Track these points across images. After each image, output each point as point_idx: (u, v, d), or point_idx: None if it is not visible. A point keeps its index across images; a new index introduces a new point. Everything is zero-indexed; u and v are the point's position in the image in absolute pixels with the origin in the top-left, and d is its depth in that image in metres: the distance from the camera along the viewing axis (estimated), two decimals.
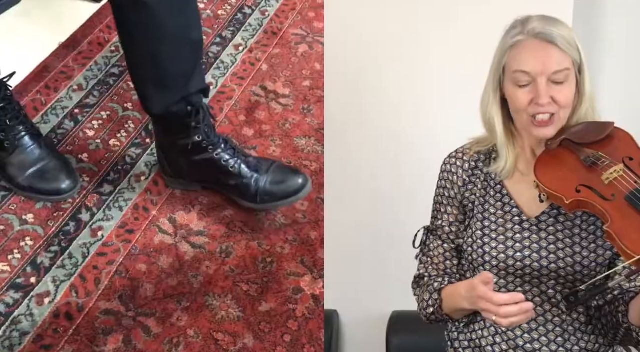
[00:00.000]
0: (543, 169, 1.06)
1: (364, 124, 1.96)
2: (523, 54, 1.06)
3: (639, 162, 1.03)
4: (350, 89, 1.95)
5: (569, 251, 1.07)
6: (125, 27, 1.39)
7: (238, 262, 1.49)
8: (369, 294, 1.94)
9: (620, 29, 1.99)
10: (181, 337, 1.36)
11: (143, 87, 1.46)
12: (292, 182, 1.50)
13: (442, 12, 1.91)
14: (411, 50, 1.92)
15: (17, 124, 1.53)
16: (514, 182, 1.13)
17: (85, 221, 1.53)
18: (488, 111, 1.13)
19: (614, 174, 1.01)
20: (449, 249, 1.18)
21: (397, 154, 1.93)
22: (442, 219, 1.18)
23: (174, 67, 1.41)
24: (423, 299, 1.17)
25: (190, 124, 1.46)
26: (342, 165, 1.92)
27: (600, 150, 1.05)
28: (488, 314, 0.99)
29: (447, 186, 1.18)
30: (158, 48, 1.37)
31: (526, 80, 1.06)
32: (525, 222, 1.10)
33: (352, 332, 1.96)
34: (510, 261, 1.09)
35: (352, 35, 1.93)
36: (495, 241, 1.10)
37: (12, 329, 1.34)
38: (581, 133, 1.07)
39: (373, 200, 1.95)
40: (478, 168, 1.16)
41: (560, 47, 1.05)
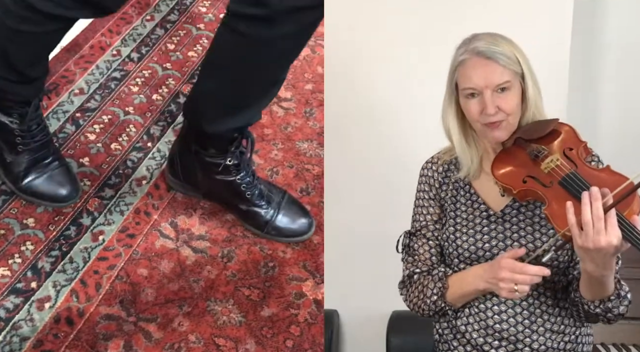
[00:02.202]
0: (498, 165, 1.19)
1: (363, 127, 1.96)
2: (468, 72, 1.18)
3: (577, 152, 1.15)
4: (351, 93, 1.95)
5: (531, 238, 1.18)
6: (232, 53, 1.33)
7: (240, 266, 1.48)
8: (369, 294, 1.93)
9: (620, 29, 1.98)
10: (182, 342, 1.35)
11: (207, 105, 1.42)
12: (299, 223, 1.54)
13: (442, 16, 1.90)
14: (411, 53, 1.92)
15: (38, 131, 1.53)
16: (480, 182, 1.25)
17: (86, 225, 1.53)
18: (446, 123, 1.24)
19: (550, 164, 1.13)
20: (434, 246, 1.25)
21: (397, 155, 1.93)
22: (425, 220, 1.27)
23: (250, 100, 1.41)
24: (423, 292, 1.22)
25: (229, 148, 1.46)
26: (342, 166, 1.91)
27: (544, 144, 1.17)
28: (506, 283, 1.09)
29: (426, 189, 1.28)
30: (254, 83, 1.36)
31: (474, 92, 1.18)
32: (492, 215, 1.21)
33: (352, 332, 1.96)
34: (480, 252, 1.19)
35: (352, 39, 1.93)
36: (466, 234, 1.21)
37: (12, 334, 1.33)
38: (530, 131, 1.19)
39: (373, 200, 1.95)
40: (450, 171, 1.27)
41: (499, 63, 1.16)
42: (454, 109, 1.24)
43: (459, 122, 1.24)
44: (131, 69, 1.89)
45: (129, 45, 1.95)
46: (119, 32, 1.98)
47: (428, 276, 1.24)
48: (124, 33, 1.98)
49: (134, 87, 1.84)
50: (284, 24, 1.24)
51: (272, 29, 1.25)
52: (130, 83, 1.85)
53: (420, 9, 1.92)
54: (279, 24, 1.24)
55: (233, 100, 1.40)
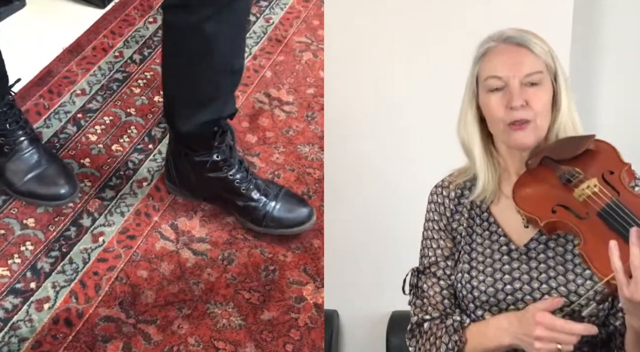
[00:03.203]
0: (521, 190, 1.00)
1: (364, 131, 1.96)
2: (494, 60, 1.02)
3: (619, 176, 0.95)
4: (351, 97, 1.95)
5: (562, 280, 0.98)
6: (175, 50, 1.38)
7: (240, 269, 1.48)
8: (369, 294, 1.92)
9: (620, 30, 1.98)
10: (182, 345, 1.34)
11: (176, 106, 1.45)
12: (299, 212, 1.52)
13: (443, 20, 1.90)
14: (412, 57, 1.92)
15: (17, 128, 1.53)
16: (500, 208, 1.06)
17: (86, 226, 1.52)
18: (465, 131, 1.07)
19: (587, 190, 0.94)
20: (445, 287, 1.07)
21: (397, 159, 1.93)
22: (435, 255, 1.09)
23: (213, 92, 1.41)
24: (435, 345, 1.04)
25: (213, 144, 1.46)
26: (342, 170, 1.91)
27: (578, 165, 0.98)
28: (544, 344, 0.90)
29: (436, 218, 1.10)
30: (203, 73, 1.37)
31: (499, 85, 1.01)
32: (514, 251, 1.02)
33: (352, 332, 1.95)
34: (500, 295, 1.00)
35: (353, 44, 1.93)
36: (483, 273, 1.02)
37: (10, 335, 1.33)
38: (560, 149, 1.01)
39: (373, 200, 1.95)
40: (464, 196, 1.09)
41: (532, 50, 1.01)
42: (474, 114, 1.06)
43: (480, 130, 1.06)
44: (133, 70, 1.89)
45: (131, 47, 1.95)
46: (121, 33, 1.98)
47: (441, 325, 1.04)
48: (126, 35, 1.98)
49: (135, 89, 1.84)
50: (201, 7, 1.27)
51: (191, 14, 1.28)
52: (132, 85, 1.85)
53: (421, 12, 1.92)
54: (195, 8, 1.27)
55: (194, 95, 1.41)
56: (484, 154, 1.06)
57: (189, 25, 1.30)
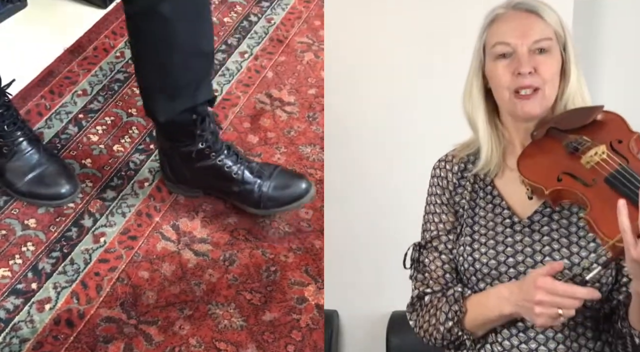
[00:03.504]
0: (526, 160, 0.97)
1: (364, 132, 1.96)
2: (502, 26, 1.00)
3: (627, 145, 0.93)
4: (351, 98, 1.95)
5: (566, 252, 0.96)
6: (137, 36, 1.39)
7: (241, 270, 1.47)
8: (369, 294, 1.92)
9: (620, 30, 1.98)
10: (183, 346, 1.34)
11: (150, 95, 1.45)
12: (296, 187, 1.49)
13: (444, 20, 1.90)
14: (412, 58, 1.92)
15: (15, 129, 1.53)
16: (504, 181, 1.04)
17: (87, 227, 1.52)
18: (470, 102, 1.05)
19: (595, 157, 0.91)
20: (447, 261, 1.05)
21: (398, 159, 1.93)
22: (436, 229, 1.07)
23: (184, 77, 1.40)
24: (435, 316, 1.03)
25: (195, 132, 1.45)
26: (342, 170, 1.91)
27: (585, 134, 0.95)
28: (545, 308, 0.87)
29: (438, 192, 1.08)
30: (169, 58, 1.37)
31: (506, 51, 0.98)
32: (517, 223, 1.00)
33: (352, 332, 1.95)
34: (502, 268, 0.98)
35: (353, 44, 1.93)
36: (485, 246, 1.00)
37: (12, 336, 1.32)
38: (567, 120, 0.98)
39: (374, 201, 1.95)
40: (467, 170, 1.07)
41: (542, 16, 0.99)
42: (480, 84, 1.03)
43: (485, 101, 1.03)
44: (134, 71, 1.88)
45: None
46: (122, 34, 1.98)
47: (442, 297, 1.03)
48: (127, 35, 1.98)
49: (137, 89, 1.83)
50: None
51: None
52: (134, 85, 1.85)
53: (421, 12, 1.92)
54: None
55: (166, 83, 1.40)
56: (488, 125, 1.04)
57: (144, 10, 1.30)
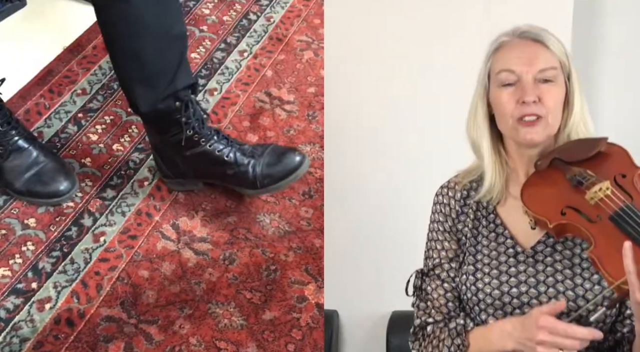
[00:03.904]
0: (530, 191, 0.98)
1: (364, 131, 1.95)
2: (508, 54, 1.01)
3: (631, 180, 0.93)
4: (351, 96, 1.95)
5: (570, 284, 0.96)
6: (105, 25, 1.37)
7: (241, 269, 1.47)
8: (369, 294, 1.92)
9: (620, 33, 1.98)
10: (183, 345, 1.34)
11: (129, 87, 1.44)
12: (289, 160, 1.47)
13: (443, 20, 1.90)
14: (413, 56, 1.92)
15: (10, 129, 1.52)
16: (507, 210, 1.04)
17: (87, 226, 1.52)
18: (474, 128, 1.05)
19: (599, 193, 0.92)
20: (450, 290, 1.05)
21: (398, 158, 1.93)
22: (439, 257, 1.07)
23: (158, 63, 1.38)
24: (437, 348, 1.02)
25: (180, 120, 1.44)
26: (342, 169, 1.91)
27: (589, 168, 0.96)
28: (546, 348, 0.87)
29: (441, 220, 1.08)
30: (139, 44, 1.35)
31: (511, 80, 0.99)
32: (520, 254, 1.00)
33: (352, 332, 1.95)
34: (505, 298, 0.98)
35: (353, 42, 1.93)
36: (489, 276, 1.00)
37: (12, 335, 1.32)
38: (571, 151, 0.99)
39: (373, 201, 1.95)
40: (470, 197, 1.07)
41: (547, 46, 1.00)
42: (485, 111, 1.04)
43: (489, 128, 1.04)
44: None
45: None
46: None
47: (444, 328, 1.03)
48: None
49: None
50: None
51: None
52: None
53: (422, 12, 1.92)
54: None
55: (141, 70, 1.39)
56: (493, 152, 1.04)
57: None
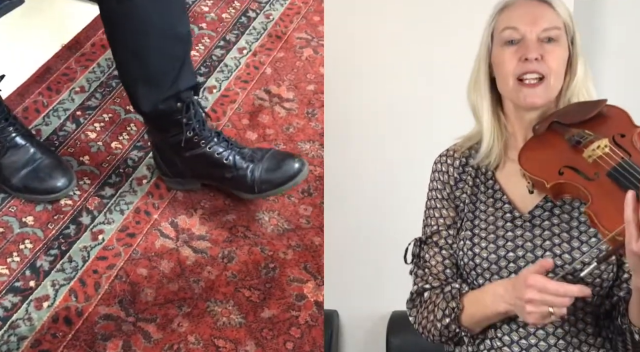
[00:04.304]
0: (528, 154, 0.98)
1: (364, 128, 1.95)
2: (512, 12, 1.01)
3: (630, 139, 0.93)
4: (351, 94, 1.94)
5: (567, 247, 0.96)
6: (109, 24, 1.37)
7: (240, 267, 1.47)
8: (369, 294, 1.92)
9: (620, 33, 1.98)
10: (182, 343, 1.33)
11: (131, 86, 1.44)
12: (288, 166, 1.47)
13: (444, 16, 1.90)
14: (412, 54, 1.91)
15: (7, 125, 1.52)
16: (506, 175, 1.04)
17: (85, 224, 1.51)
18: (475, 90, 1.05)
19: (597, 151, 0.91)
20: (447, 256, 1.05)
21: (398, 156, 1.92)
22: (437, 224, 1.07)
23: (161, 63, 1.38)
24: (433, 313, 1.02)
25: (181, 121, 1.44)
26: (342, 167, 1.91)
27: (588, 128, 0.95)
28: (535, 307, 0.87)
29: (439, 187, 1.08)
30: (143, 44, 1.35)
31: (515, 37, 0.99)
32: (518, 218, 1.00)
33: (352, 332, 1.95)
34: (502, 262, 0.98)
35: (353, 40, 1.92)
36: (486, 240, 1.00)
37: (10, 334, 1.32)
38: (570, 113, 0.99)
39: (373, 200, 1.94)
40: (469, 164, 1.07)
41: (552, 6, 1.00)
42: (486, 72, 1.04)
43: (490, 91, 1.04)
44: None
45: None
46: None
47: (440, 293, 1.03)
48: None
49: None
50: None
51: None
52: None
53: (422, 9, 1.91)
54: None
55: (144, 71, 1.39)
56: (492, 115, 1.04)
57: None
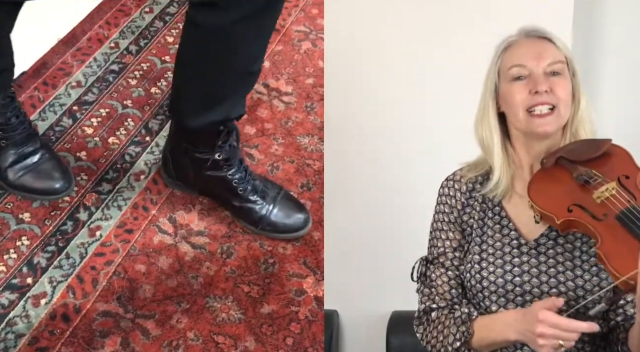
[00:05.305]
0: (536, 187, 1.03)
1: (364, 123, 1.94)
2: (517, 51, 1.08)
3: (634, 181, 0.99)
4: (351, 88, 1.93)
5: (570, 275, 1.03)
6: (197, 49, 1.34)
7: (239, 263, 1.46)
8: (369, 294, 1.92)
9: (620, 33, 1.97)
10: (181, 339, 1.33)
11: (185, 101, 1.43)
12: (295, 219, 1.51)
13: (444, 12, 1.88)
14: (412, 48, 1.90)
15: (18, 123, 1.51)
16: (512, 204, 1.10)
17: (83, 220, 1.50)
18: (484, 125, 1.10)
19: (605, 193, 0.97)
20: (453, 277, 1.11)
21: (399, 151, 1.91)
22: (443, 246, 1.12)
23: (227, 93, 1.39)
24: (442, 334, 1.08)
25: (216, 143, 1.44)
26: (342, 164, 1.89)
27: (594, 168, 1.01)
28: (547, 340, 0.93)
29: (446, 211, 1.13)
30: (221, 73, 1.35)
31: (523, 73, 1.06)
32: (524, 245, 1.06)
33: (352, 332, 1.95)
34: (509, 286, 1.04)
35: (353, 33, 1.91)
36: (493, 265, 1.06)
37: (7, 331, 1.31)
38: (576, 151, 1.04)
39: (373, 200, 1.93)
40: (475, 190, 1.12)
41: (554, 42, 1.08)
42: (494, 108, 1.09)
43: (499, 125, 1.09)
44: (129, 61, 1.86)
45: (127, 38, 1.92)
46: (117, 24, 1.96)
47: (449, 315, 1.08)
48: (122, 25, 1.95)
49: (132, 80, 1.81)
50: (236, 8, 1.24)
51: (223, 14, 1.25)
52: (129, 76, 1.82)
53: (422, 3, 1.90)
54: (224, 9, 1.24)
55: (208, 94, 1.39)
56: (502, 149, 1.09)
57: (216, 26, 1.27)
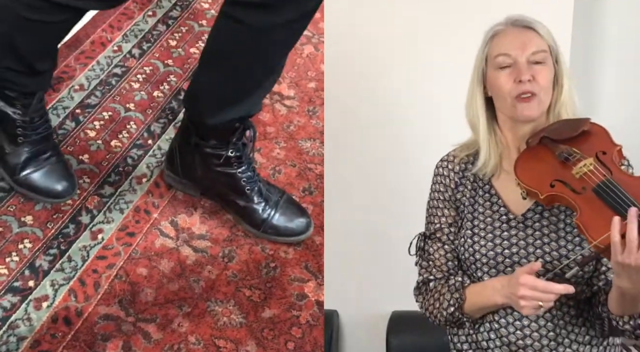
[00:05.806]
0: (522, 166, 1.11)
1: (364, 126, 1.94)
2: (503, 40, 1.15)
3: (611, 156, 1.07)
4: (352, 92, 1.93)
5: (555, 246, 1.12)
6: (232, 42, 1.33)
7: (241, 267, 1.46)
8: (369, 294, 1.93)
9: (620, 30, 1.97)
10: (182, 343, 1.33)
11: (210, 99, 1.42)
12: (297, 222, 1.52)
13: (445, 14, 1.89)
14: (413, 51, 1.90)
15: (40, 124, 1.52)
16: (501, 182, 1.18)
17: (85, 224, 1.50)
18: (472, 109, 1.18)
19: (583, 168, 1.06)
20: (449, 250, 1.19)
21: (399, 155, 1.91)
22: (439, 222, 1.21)
23: (250, 91, 1.40)
24: (439, 301, 1.16)
25: (230, 139, 1.45)
26: (343, 166, 1.90)
27: (574, 145, 1.10)
28: (527, 301, 1.02)
29: (441, 189, 1.21)
30: (252, 71, 1.35)
31: (507, 62, 1.13)
32: (512, 220, 1.15)
33: (352, 332, 1.96)
34: (499, 258, 1.13)
35: (353, 37, 1.91)
36: (484, 239, 1.15)
37: (9, 334, 1.31)
38: (558, 130, 1.12)
39: (373, 200, 1.94)
40: (467, 170, 1.20)
41: (537, 31, 1.14)
42: (481, 92, 1.18)
43: (485, 108, 1.17)
44: (132, 65, 1.86)
45: (130, 41, 1.93)
46: (120, 27, 1.96)
47: (445, 284, 1.17)
48: (125, 29, 1.96)
49: (135, 84, 1.82)
50: (282, 10, 1.24)
51: (268, 15, 1.25)
52: (131, 79, 1.83)
53: (423, 7, 1.90)
54: (277, 10, 1.24)
55: (233, 91, 1.39)
56: (488, 131, 1.17)
57: (263, 26, 1.26)
